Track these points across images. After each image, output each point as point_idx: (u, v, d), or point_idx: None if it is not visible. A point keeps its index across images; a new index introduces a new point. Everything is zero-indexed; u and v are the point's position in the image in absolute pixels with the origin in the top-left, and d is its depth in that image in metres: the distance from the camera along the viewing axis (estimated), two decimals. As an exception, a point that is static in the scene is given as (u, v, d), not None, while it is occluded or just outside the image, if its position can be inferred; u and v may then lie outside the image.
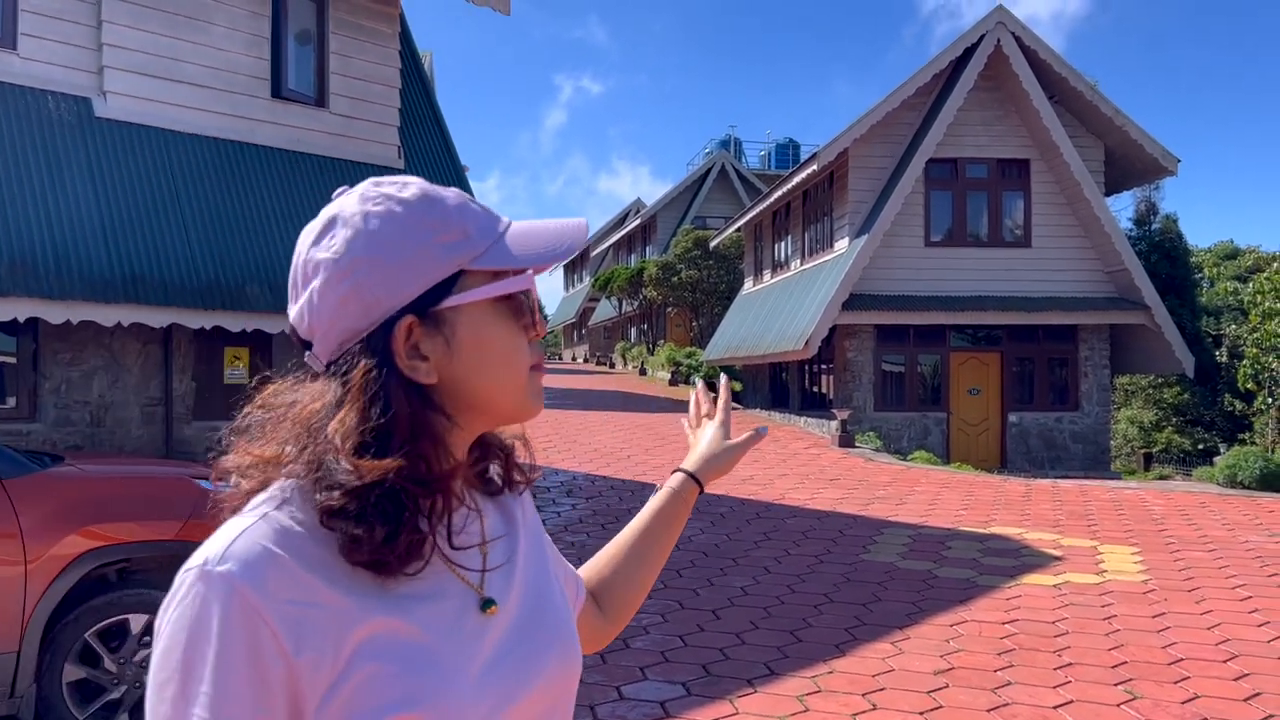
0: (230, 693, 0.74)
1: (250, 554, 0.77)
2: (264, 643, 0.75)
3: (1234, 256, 39.89)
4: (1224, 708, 4.67)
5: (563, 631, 0.95)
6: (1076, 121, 18.44)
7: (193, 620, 0.76)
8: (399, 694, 0.78)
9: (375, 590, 0.81)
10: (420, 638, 0.81)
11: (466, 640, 0.85)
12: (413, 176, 0.93)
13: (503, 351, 0.89)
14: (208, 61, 9.47)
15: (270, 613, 0.76)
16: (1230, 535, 8.90)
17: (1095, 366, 18.67)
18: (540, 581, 0.98)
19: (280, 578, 0.77)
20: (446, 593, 0.86)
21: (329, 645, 0.77)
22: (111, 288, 8.15)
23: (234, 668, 0.74)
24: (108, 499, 4.26)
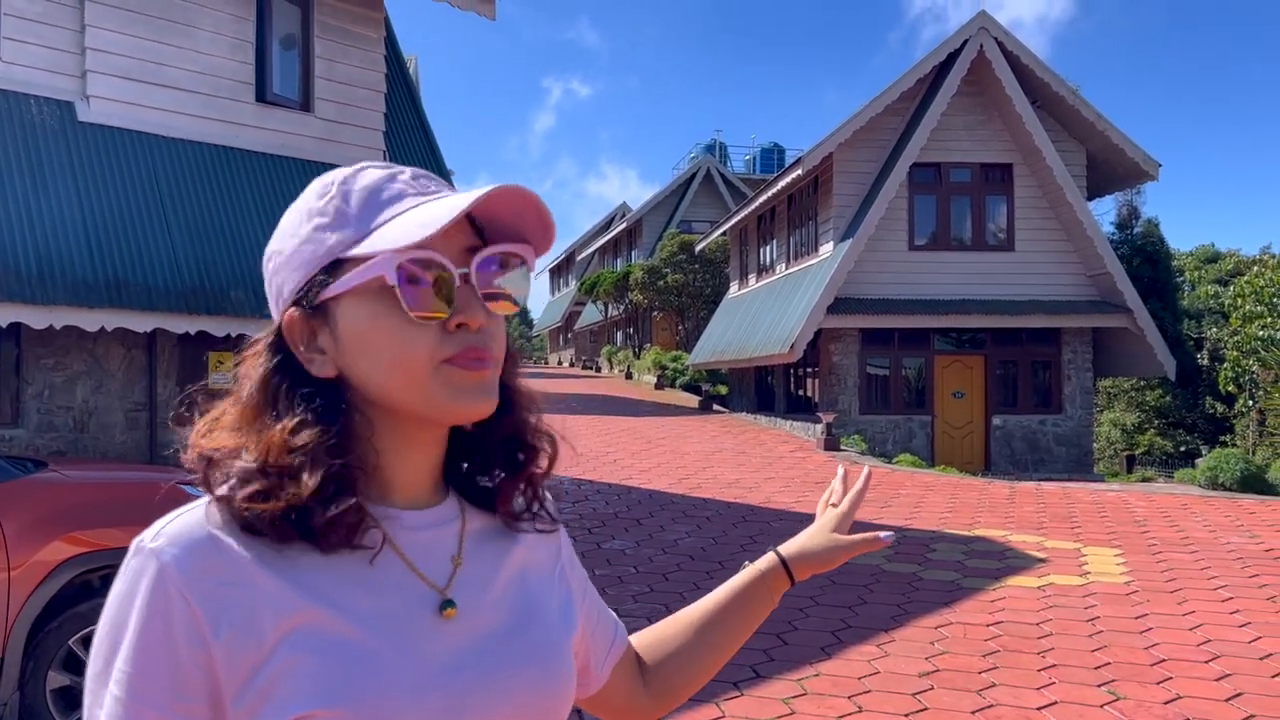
0: (146, 671, 0.74)
1: (183, 533, 0.77)
2: (183, 622, 0.74)
3: (1215, 260, 40.22)
4: (1206, 708, 4.72)
5: (545, 655, 0.89)
6: (1059, 126, 18.58)
7: (121, 595, 0.76)
8: (319, 689, 0.75)
9: (312, 582, 0.78)
10: (353, 633, 0.78)
11: (414, 640, 0.81)
12: (375, 162, 0.88)
13: (385, 344, 0.81)
14: (192, 66, 9.43)
15: (193, 592, 0.74)
16: (1212, 537, 8.98)
17: (1078, 369, 18.80)
18: (533, 604, 0.92)
19: (210, 558, 0.76)
20: (399, 590, 0.82)
21: (253, 630, 0.75)
22: (95, 292, 8.10)
23: (152, 646, 0.74)
24: (91, 505, 4.24)
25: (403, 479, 0.87)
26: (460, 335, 0.82)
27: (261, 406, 0.83)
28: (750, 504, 10.70)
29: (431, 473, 0.90)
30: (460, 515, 0.91)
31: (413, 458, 0.87)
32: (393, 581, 0.82)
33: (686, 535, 8.96)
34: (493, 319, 0.84)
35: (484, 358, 0.83)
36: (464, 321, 0.81)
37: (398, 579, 0.83)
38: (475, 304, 0.82)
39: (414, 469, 0.87)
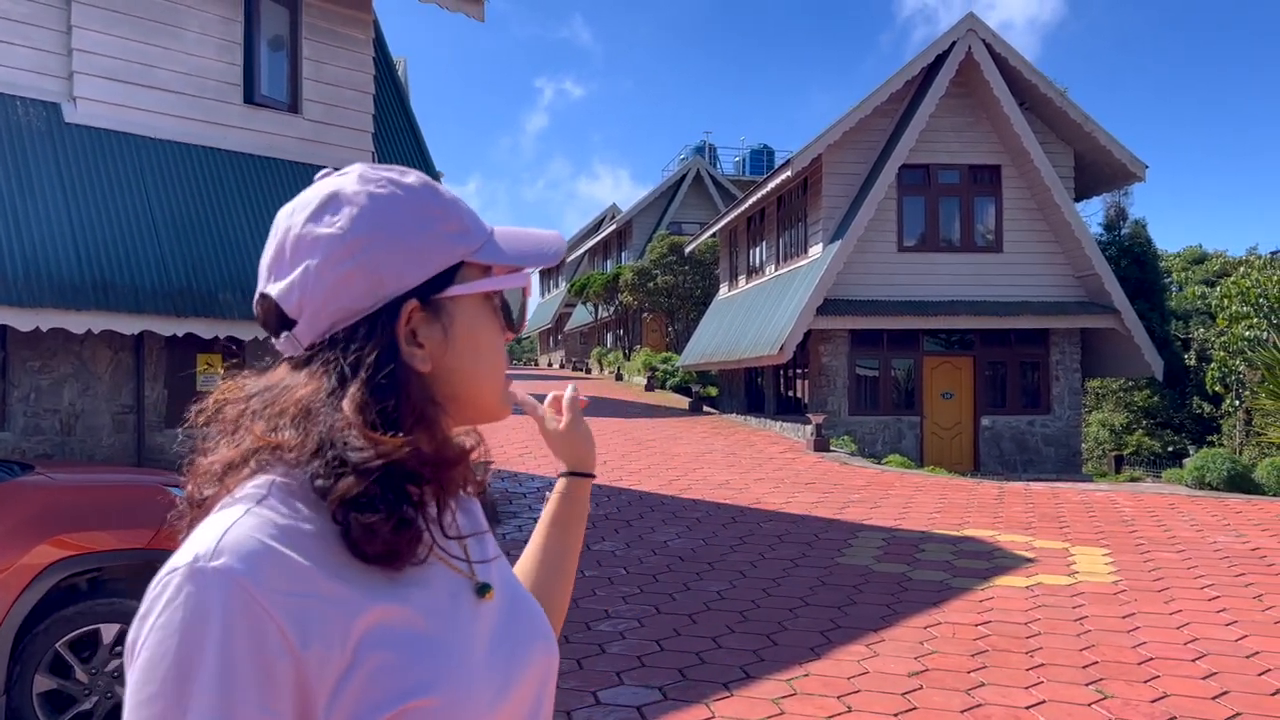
0: (238, 693, 0.69)
1: (245, 546, 0.72)
2: (270, 637, 0.70)
3: (1202, 261, 40.44)
4: (1192, 706, 4.74)
5: (542, 623, 0.96)
6: (1046, 128, 18.66)
7: (185, 623, 0.69)
8: (413, 680, 0.76)
9: (371, 580, 0.78)
10: (422, 625, 0.79)
11: (466, 625, 0.84)
12: (410, 168, 0.91)
13: (490, 348, 0.90)
14: (179, 67, 9.40)
15: (273, 605, 0.71)
16: (1199, 536, 9.02)
17: (1066, 370, 18.87)
18: (516, 581, 0.98)
19: (278, 569, 0.73)
20: (439, 580, 0.84)
21: (335, 636, 0.73)
22: (81, 294, 8.07)
23: (239, 668, 0.69)
24: (78, 508, 4.22)
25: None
26: (505, 348, 0.94)
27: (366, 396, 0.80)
28: (740, 505, 10.71)
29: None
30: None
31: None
32: (433, 573, 0.84)
33: (676, 536, 8.97)
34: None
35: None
36: (513, 336, 0.94)
37: (436, 570, 0.85)
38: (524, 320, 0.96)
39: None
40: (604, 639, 5.88)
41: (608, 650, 5.67)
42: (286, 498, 0.78)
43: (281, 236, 0.87)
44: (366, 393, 0.80)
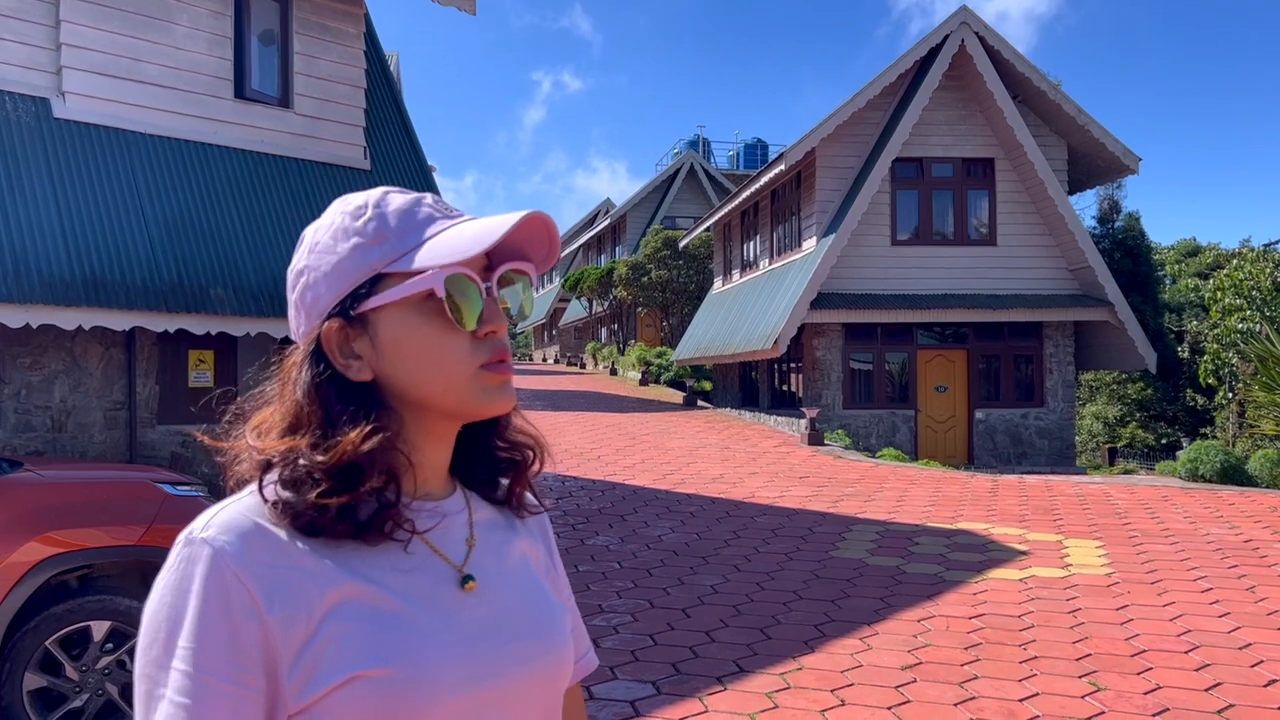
0: (208, 646, 0.80)
1: (231, 522, 0.85)
2: (239, 601, 0.82)
3: (1195, 254, 40.51)
4: (1185, 698, 4.75)
5: (550, 629, 0.98)
6: (1040, 121, 18.66)
7: (176, 582, 0.83)
8: (369, 650, 0.84)
9: (352, 562, 0.87)
10: (393, 604, 0.87)
11: (443, 612, 0.90)
12: (393, 187, 0.97)
13: (426, 350, 0.91)
14: (169, 61, 9.36)
15: (246, 574, 0.82)
16: (1192, 528, 9.04)
17: (1060, 363, 18.89)
18: (537, 584, 1.02)
19: (258, 543, 0.84)
20: (425, 569, 0.92)
21: (302, 605, 0.83)
22: (72, 290, 8.03)
23: (212, 623, 0.81)
24: (67, 505, 4.20)
25: (423, 472, 0.96)
26: (490, 342, 0.92)
27: (313, 414, 0.91)
28: (734, 499, 10.71)
29: (444, 466, 0.99)
30: (467, 504, 1.01)
31: (431, 452, 0.96)
32: (419, 562, 0.92)
33: (670, 531, 8.96)
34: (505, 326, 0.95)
35: (508, 361, 0.94)
36: (493, 329, 0.92)
37: (424, 560, 0.92)
38: (497, 313, 0.93)
39: (431, 463, 0.97)
40: (597, 633, 5.88)
41: (601, 645, 5.66)
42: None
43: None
44: (285, 406, 0.92)
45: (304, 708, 0.83)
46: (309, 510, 0.86)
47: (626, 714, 4.59)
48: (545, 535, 1.11)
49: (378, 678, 0.83)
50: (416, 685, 0.84)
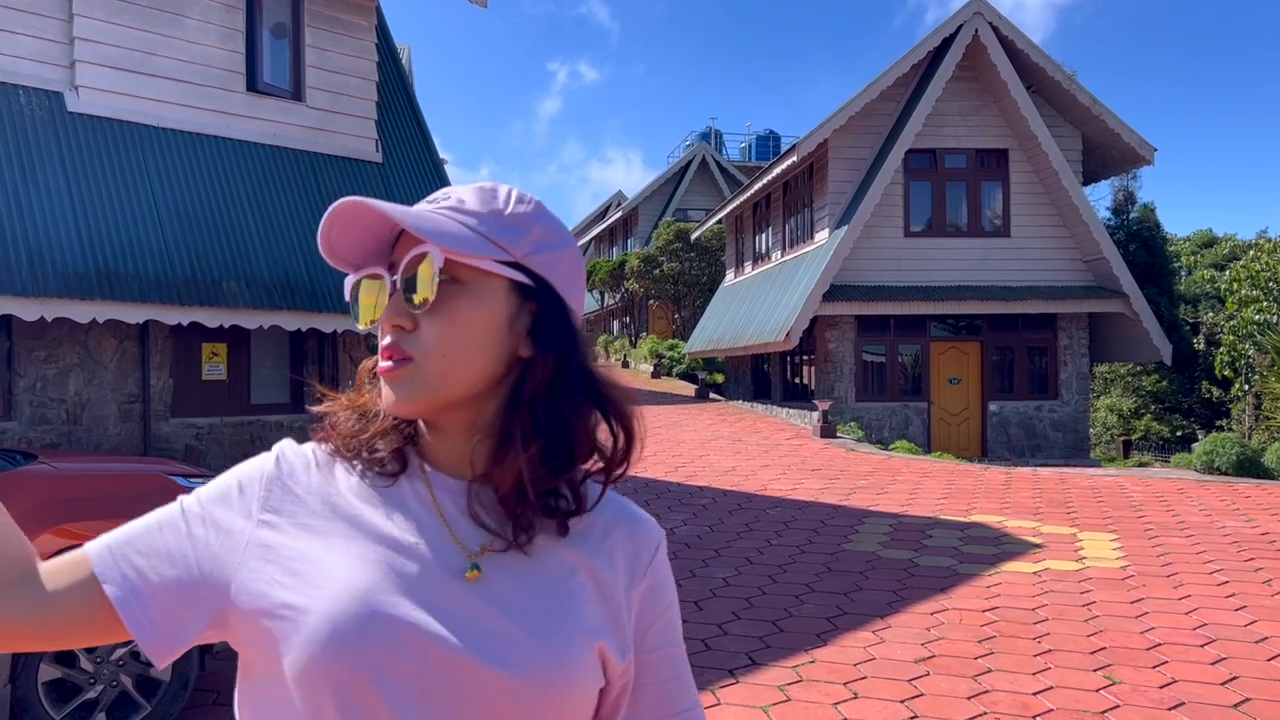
0: (210, 488, 0.94)
1: (297, 448, 0.97)
2: (250, 480, 0.93)
3: (1211, 244, 40.22)
4: (1201, 692, 4.71)
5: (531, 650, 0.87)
6: (1054, 111, 18.53)
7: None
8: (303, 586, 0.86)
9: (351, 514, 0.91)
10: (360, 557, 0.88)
11: (417, 584, 0.87)
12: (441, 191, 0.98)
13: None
14: (182, 55, 9.37)
15: (273, 471, 0.94)
16: (1208, 521, 8.98)
17: (1074, 355, 18.79)
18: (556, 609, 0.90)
19: (300, 465, 0.95)
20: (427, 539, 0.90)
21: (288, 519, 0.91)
22: (86, 284, 8.07)
23: (219, 482, 0.94)
24: (81, 497, 4.21)
25: (444, 455, 0.95)
26: (383, 336, 0.92)
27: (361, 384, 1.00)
28: (746, 491, 10.69)
29: (471, 457, 0.94)
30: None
31: (440, 436, 0.95)
32: (427, 533, 0.90)
33: (682, 523, 8.96)
34: (423, 318, 0.89)
35: (391, 358, 0.90)
36: (384, 324, 0.91)
37: (432, 532, 0.91)
38: (394, 307, 0.90)
39: (449, 448, 0.94)
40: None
41: (613, 637, 5.66)
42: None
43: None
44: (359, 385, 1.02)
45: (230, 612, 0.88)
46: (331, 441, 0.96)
47: (638, 706, 4.58)
48: (634, 563, 0.98)
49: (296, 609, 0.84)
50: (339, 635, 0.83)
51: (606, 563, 0.95)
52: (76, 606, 0.88)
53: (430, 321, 0.89)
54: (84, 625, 0.88)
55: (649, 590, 0.98)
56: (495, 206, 0.94)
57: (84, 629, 0.89)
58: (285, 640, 0.84)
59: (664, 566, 1.01)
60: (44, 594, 0.88)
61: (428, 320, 0.89)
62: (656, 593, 0.99)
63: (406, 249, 0.91)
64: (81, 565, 0.89)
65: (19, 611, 0.87)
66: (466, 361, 0.90)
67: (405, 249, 0.91)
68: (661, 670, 0.99)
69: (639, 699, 0.98)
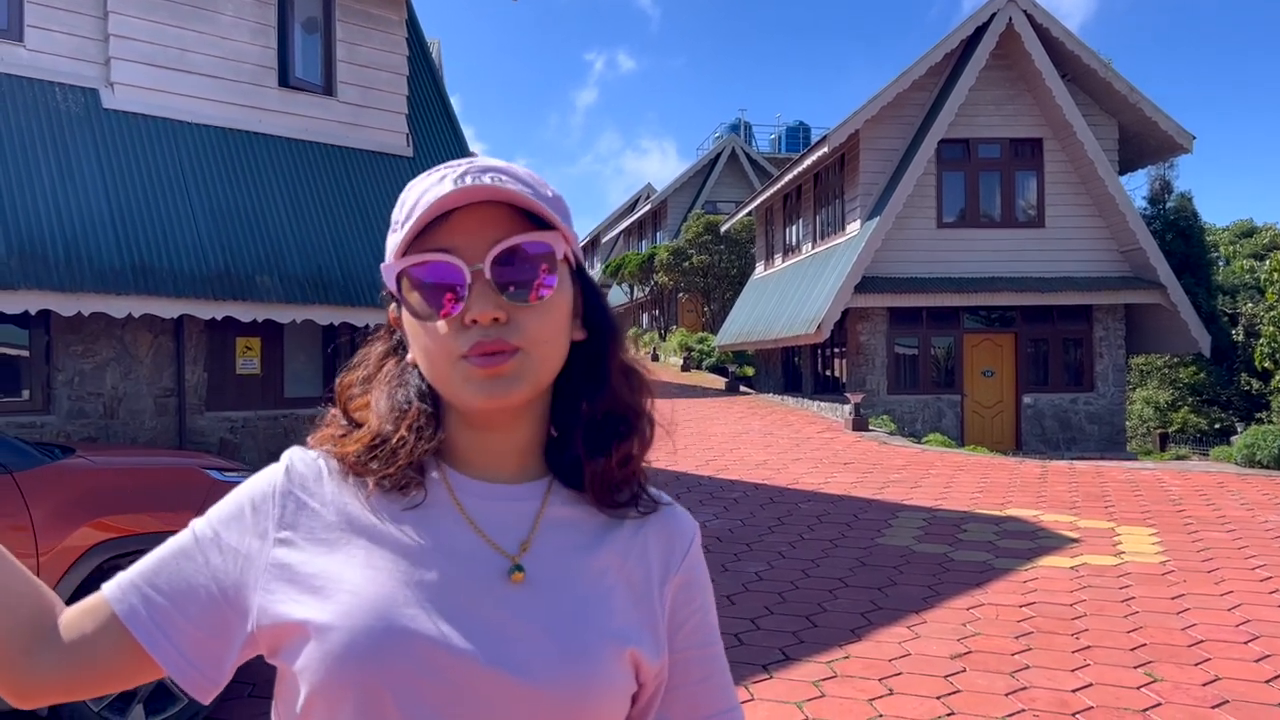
0: (219, 509, 0.91)
1: (305, 458, 0.93)
2: (261, 499, 0.90)
3: (1251, 234, 39.52)
4: (1245, 689, 4.63)
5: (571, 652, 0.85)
6: (1090, 100, 18.26)
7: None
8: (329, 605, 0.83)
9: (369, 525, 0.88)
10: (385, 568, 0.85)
11: (450, 590, 0.84)
12: (449, 162, 0.92)
13: (418, 340, 0.89)
14: (215, 51, 9.44)
15: (284, 486, 0.90)
16: (1249, 515, 8.82)
17: (1110, 347, 18.54)
18: (590, 608, 0.88)
19: (310, 476, 0.91)
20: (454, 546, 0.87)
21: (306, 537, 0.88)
22: (122, 279, 8.15)
23: (228, 501, 0.91)
24: (119, 490, 4.25)
25: (476, 454, 0.91)
26: (475, 331, 0.84)
27: (370, 378, 0.95)
28: (778, 485, 10.64)
29: (514, 453, 0.92)
30: (544, 497, 0.92)
31: (484, 438, 0.91)
32: (448, 536, 0.87)
33: (714, 517, 8.92)
34: (521, 310, 0.85)
35: (494, 352, 0.84)
36: (477, 317, 0.84)
37: (455, 535, 0.87)
38: (488, 298, 0.84)
39: (489, 448, 0.91)
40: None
41: (646, 631, 5.65)
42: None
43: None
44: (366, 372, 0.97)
45: (257, 633, 0.86)
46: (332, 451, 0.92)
47: (672, 701, 4.57)
48: (667, 558, 0.95)
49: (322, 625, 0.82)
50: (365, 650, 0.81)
51: (639, 560, 0.93)
52: (106, 654, 0.86)
53: (528, 310, 0.86)
54: (117, 670, 0.87)
55: (682, 587, 0.95)
56: (541, 186, 0.91)
57: (118, 674, 0.88)
58: (308, 658, 0.83)
59: (699, 561, 0.98)
60: (68, 648, 0.86)
61: (525, 309, 0.86)
62: (690, 590, 0.96)
63: (481, 230, 0.86)
64: (101, 610, 0.87)
65: (45, 671, 0.85)
66: (560, 347, 0.90)
67: (478, 230, 0.86)
68: (695, 670, 0.96)
69: (671, 700, 0.95)
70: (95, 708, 4.05)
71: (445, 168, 0.89)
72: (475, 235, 0.86)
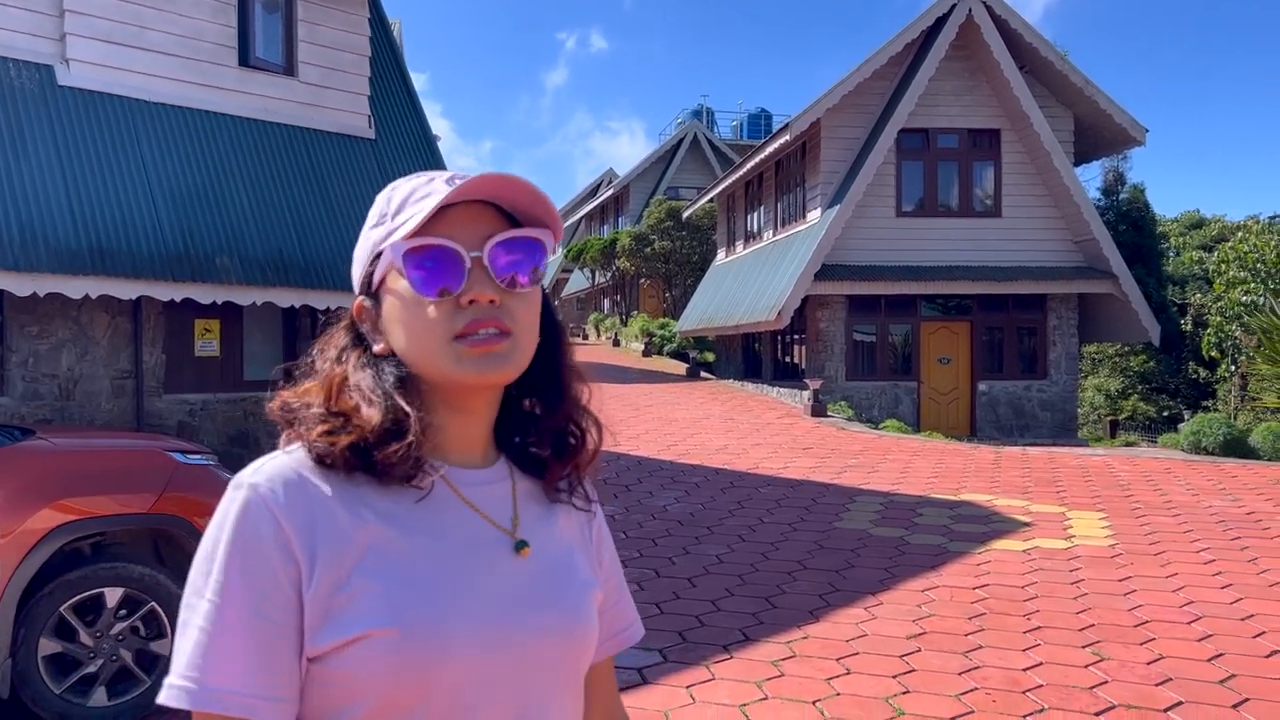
0: (236, 578, 0.86)
1: (276, 470, 0.90)
2: (274, 539, 0.87)
3: (1199, 226, 40.31)
4: (1188, 668, 4.79)
5: (576, 604, 0.99)
6: (1047, 92, 18.52)
7: (220, 521, 0.88)
8: (379, 611, 0.87)
9: (386, 515, 0.91)
10: (418, 563, 0.90)
11: (475, 571, 0.93)
12: (435, 171, 0.99)
13: (404, 322, 0.94)
14: (173, 29, 9.30)
15: (286, 515, 0.87)
16: (1195, 500, 9.07)
17: (1063, 335, 18.88)
18: (570, 560, 1.03)
19: (301, 491, 0.89)
20: (465, 530, 0.95)
21: (336, 552, 0.88)
22: (78, 259, 8.03)
23: (243, 558, 0.86)
24: (80, 472, 4.22)
25: (456, 441, 0.98)
26: (471, 310, 0.92)
27: (336, 373, 0.97)
28: (738, 470, 10.75)
29: (482, 438, 1.01)
30: (511, 476, 1.02)
31: (462, 422, 0.98)
32: (457, 523, 0.95)
33: (675, 501, 9.01)
34: (511, 296, 0.94)
35: (492, 329, 0.92)
36: (474, 298, 0.92)
37: (463, 521, 0.95)
38: (486, 281, 0.92)
39: (465, 433, 0.99)
40: (604, 602, 5.91)
41: (608, 613, 5.70)
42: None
43: None
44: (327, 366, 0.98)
45: (318, 654, 0.87)
46: (318, 447, 0.91)
47: (635, 682, 4.63)
48: (587, 511, 1.10)
49: (386, 638, 0.86)
50: (424, 647, 0.87)
51: (573, 514, 1.07)
52: None
53: (517, 297, 0.95)
54: None
55: (600, 524, 1.12)
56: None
57: None
58: (372, 667, 0.86)
59: (597, 497, 1.13)
60: None
61: (514, 296, 0.94)
62: (603, 528, 1.13)
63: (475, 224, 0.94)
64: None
65: None
66: (535, 337, 0.99)
67: (472, 224, 0.94)
68: (612, 595, 1.11)
69: (599, 621, 1.07)
70: (57, 690, 4.04)
71: (430, 174, 0.98)
72: (469, 228, 0.94)
